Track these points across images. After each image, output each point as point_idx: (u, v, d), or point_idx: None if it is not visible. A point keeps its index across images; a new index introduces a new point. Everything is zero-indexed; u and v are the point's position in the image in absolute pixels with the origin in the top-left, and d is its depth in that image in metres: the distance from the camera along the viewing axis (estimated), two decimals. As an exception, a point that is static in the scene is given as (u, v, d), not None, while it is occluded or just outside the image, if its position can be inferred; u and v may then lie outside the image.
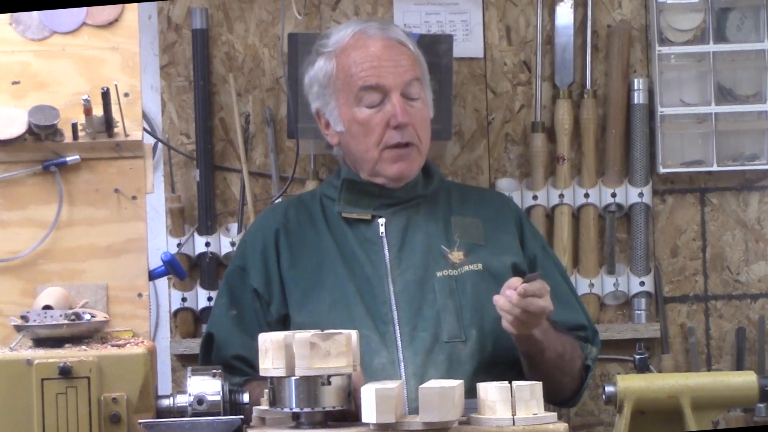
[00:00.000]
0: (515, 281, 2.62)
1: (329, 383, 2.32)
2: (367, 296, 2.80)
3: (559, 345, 2.77)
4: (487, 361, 2.79)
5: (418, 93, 2.87)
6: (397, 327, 2.78)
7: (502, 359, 2.81)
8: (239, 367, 2.82)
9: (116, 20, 2.76)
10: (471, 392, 2.40)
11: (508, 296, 2.61)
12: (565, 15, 3.79)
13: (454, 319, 2.79)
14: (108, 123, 2.68)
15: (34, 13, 2.72)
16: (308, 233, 2.90)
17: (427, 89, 2.94)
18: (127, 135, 2.71)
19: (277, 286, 2.86)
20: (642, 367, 3.07)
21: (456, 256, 2.85)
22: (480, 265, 2.83)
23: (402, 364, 2.75)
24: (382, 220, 2.87)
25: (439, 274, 2.83)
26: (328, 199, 2.93)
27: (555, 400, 2.89)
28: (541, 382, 2.37)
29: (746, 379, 2.82)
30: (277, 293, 2.85)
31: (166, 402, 2.45)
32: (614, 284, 3.76)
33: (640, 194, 3.75)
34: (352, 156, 2.92)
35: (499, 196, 3.14)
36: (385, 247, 2.85)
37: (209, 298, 3.71)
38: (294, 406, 2.33)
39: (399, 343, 2.77)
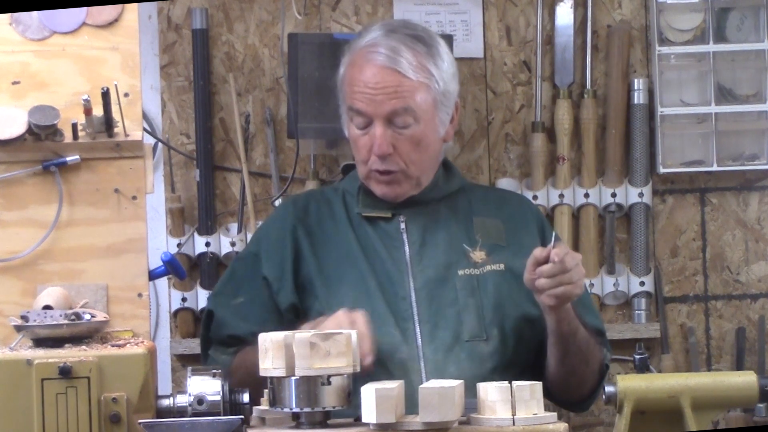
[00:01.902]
0: (540, 252, 2.62)
1: (329, 383, 2.32)
2: (388, 292, 2.80)
3: (585, 332, 2.78)
4: (507, 361, 2.78)
5: (406, 121, 2.82)
6: (417, 324, 2.78)
7: (522, 360, 2.81)
8: (234, 344, 2.82)
9: (116, 20, 2.75)
10: None
11: (544, 271, 2.61)
12: (565, 15, 3.79)
13: (475, 318, 2.79)
14: (108, 123, 2.68)
15: (34, 13, 2.72)
16: (329, 228, 2.90)
17: (439, 109, 2.85)
18: (127, 135, 2.70)
19: (290, 276, 2.84)
20: (642, 367, 3.07)
21: (478, 255, 2.85)
22: (502, 266, 2.83)
23: (422, 361, 2.76)
24: (402, 217, 2.88)
25: (460, 272, 2.82)
26: (351, 195, 2.93)
27: (574, 398, 2.88)
28: (540, 383, 2.37)
29: (746, 379, 2.82)
30: (288, 283, 2.84)
31: (166, 402, 2.45)
32: (614, 284, 3.76)
33: (640, 194, 3.75)
34: None
35: (520, 198, 3.13)
36: (406, 243, 2.85)
37: (209, 298, 3.71)
38: (294, 406, 2.33)
39: (419, 340, 2.77)
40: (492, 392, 2.33)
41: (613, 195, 3.76)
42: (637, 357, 3.11)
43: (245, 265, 2.91)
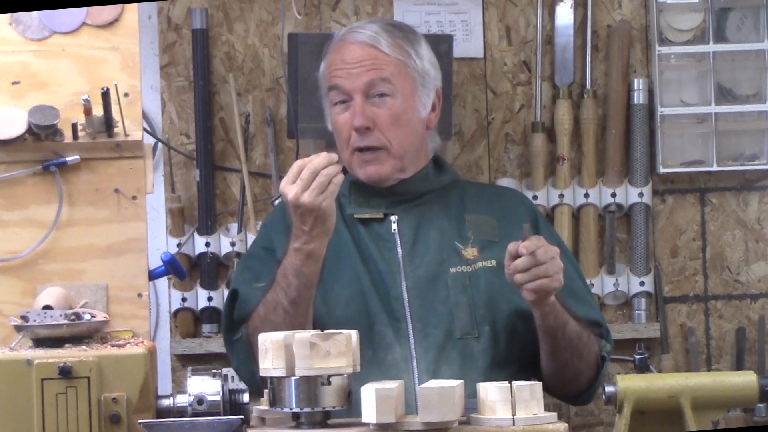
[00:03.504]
0: (513, 246, 2.62)
1: (329, 383, 2.32)
2: (381, 292, 2.80)
3: (577, 325, 2.77)
4: (500, 358, 2.78)
5: (383, 91, 2.86)
6: (409, 323, 2.79)
7: (516, 356, 2.81)
8: None
9: (116, 20, 2.76)
10: None
11: (517, 265, 2.61)
12: (565, 15, 3.79)
13: (467, 315, 2.79)
14: (108, 123, 2.68)
15: (34, 13, 2.72)
16: None
17: (422, 87, 2.91)
18: (127, 135, 2.71)
19: None
20: (642, 367, 3.06)
21: (470, 252, 2.85)
22: (494, 262, 2.83)
23: (414, 361, 2.76)
24: (394, 218, 2.88)
25: (452, 270, 2.83)
26: (344, 196, 2.94)
27: (571, 391, 2.88)
28: (540, 383, 2.37)
29: (746, 379, 2.82)
30: None
31: (166, 402, 2.45)
32: (614, 284, 3.76)
33: (640, 194, 3.75)
34: None
35: (514, 193, 3.14)
36: (398, 244, 2.86)
37: (209, 298, 3.72)
38: (294, 406, 2.33)
39: (412, 339, 2.78)
40: (492, 392, 2.33)
41: (613, 195, 3.76)
42: (637, 357, 3.11)
43: (258, 258, 2.91)
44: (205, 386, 2.43)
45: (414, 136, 2.90)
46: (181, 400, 2.44)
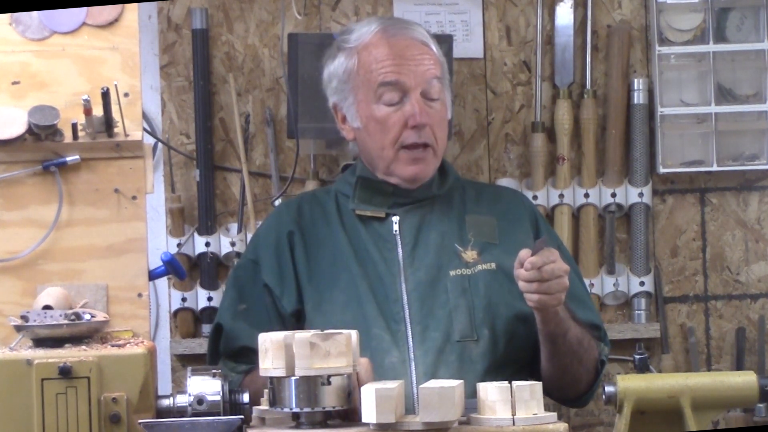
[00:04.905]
0: (524, 254, 2.62)
1: (329, 383, 2.32)
2: (379, 295, 2.79)
3: (579, 331, 2.77)
4: (499, 361, 2.78)
5: (438, 93, 2.85)
6: (408, 326, 2.77)
7: (515, 359, 2.80)
8: (247, 355, 2.81)
9: (116, 20, 2.76)
10: None
11: (519, 275, 2.61)
12: (565, 15, 3.79)
13: (466, 318, 2.78)
14: (108, 123, 2.68)
15: (34, 13, 2.72)
16: (322, 231, 2.89)
17: (447, 90, 2.92)
18: (127, 135, 2.71)
19: (292, 281, 2.84)
20: (642, 367, 3.06)
21: (470, 255, 2.84)
22: (493, 265, 2.83)
23: (413, 364, 2.75)
24: (396, 218, 2.87)
25: (452, 273, 2.82)
26: (343, 195, 2.92)
27: (570, 395, 2.88)
28: (540, 383, 2.37)
29: (746, 379, 2.81)
30: (290, 288, 2.84)
31: (166, 402, 2.45)
32: (614, 284, 3.76)
33: (640, 194, 3.75)
34: (367, 153, 2.91)
35: (513, 193, 3.12)
36: (399, 245, 2.85)
37: (209, 298, 3.72)
38: (294, 406, 2.33)
39: (410, 342, 2.77)
40: (492, 392, 2.33)
41: (613, 195, 3.76)
42: (637, 357, 3.11)
43: (246, 272, 2.91)
44: (205, 386, 2.43)
45: (447, 137, 2.91)
46: (181, 400, 2.44)
